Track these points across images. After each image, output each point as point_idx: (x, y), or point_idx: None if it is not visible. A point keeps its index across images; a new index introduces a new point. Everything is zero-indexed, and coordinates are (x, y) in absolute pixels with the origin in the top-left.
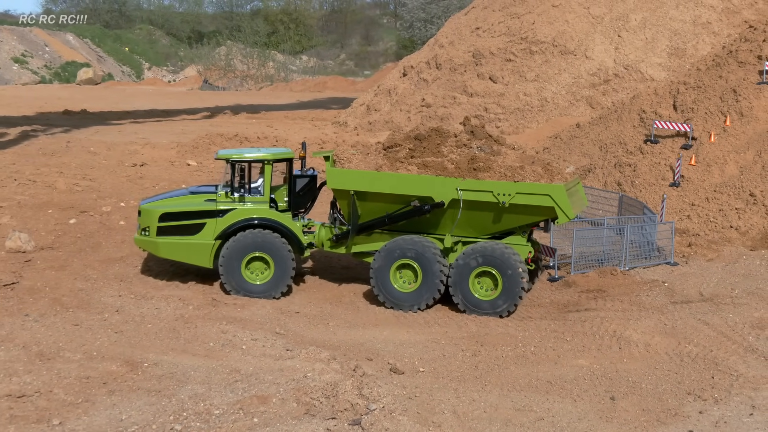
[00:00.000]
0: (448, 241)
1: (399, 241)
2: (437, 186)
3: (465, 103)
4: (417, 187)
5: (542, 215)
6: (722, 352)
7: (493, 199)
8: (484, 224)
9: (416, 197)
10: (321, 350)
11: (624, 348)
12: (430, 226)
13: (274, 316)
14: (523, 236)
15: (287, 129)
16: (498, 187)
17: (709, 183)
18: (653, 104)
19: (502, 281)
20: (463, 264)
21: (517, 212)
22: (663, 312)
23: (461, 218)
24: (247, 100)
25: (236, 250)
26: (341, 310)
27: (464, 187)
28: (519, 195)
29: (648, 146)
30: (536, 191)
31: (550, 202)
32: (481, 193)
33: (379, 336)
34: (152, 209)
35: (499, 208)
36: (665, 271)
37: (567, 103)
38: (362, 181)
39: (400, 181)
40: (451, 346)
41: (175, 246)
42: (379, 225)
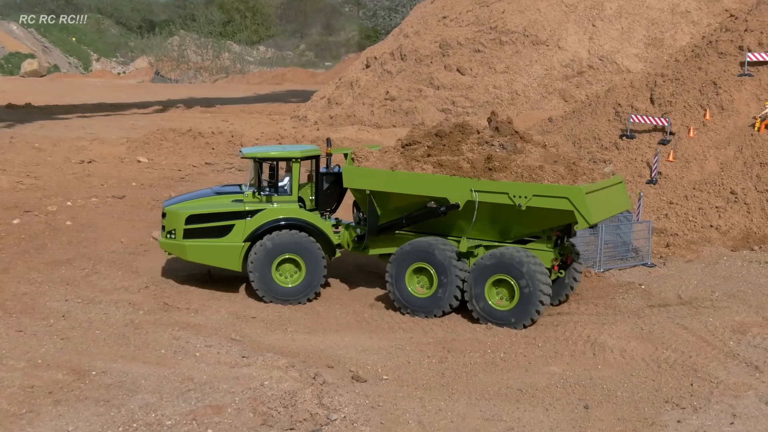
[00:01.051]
0: (464, 245)
1: (415, 243)
2: (451, 186)
3: (431, 96)
4: (432, 187)
5: (562, 219)
6: (702, 357)
7: (509, 201)
8: (503, 228)
9: (431, 198)
10: (279, 357)
11: (598, 354)
12: (450, 228)
13: (230, 321)
14: (549, 241)
15: (243, 123)
16: (514, 188)
17: (688, 180)
18: (629, 97)
19: (518, 290)
20: (478, 270)
21: (536, 216)
22: (639, 316)
23: (479, 221)
24: (202, 93)
25: (266, 252)
26: (300, 315)
27: (479, 188)
28: (536, 197)
29: (624, 141)
30: (554, 193)
31: (568, 205)
32: (497, 194)
33: (340, 342)
34: (178, 211)
35: (516, 211)
36: (642, 273)
37: (539, 96)
38: (377, 180)
39: (414, 181)
40: (417, 353)
41: (203, 249)
42: (397, 226)
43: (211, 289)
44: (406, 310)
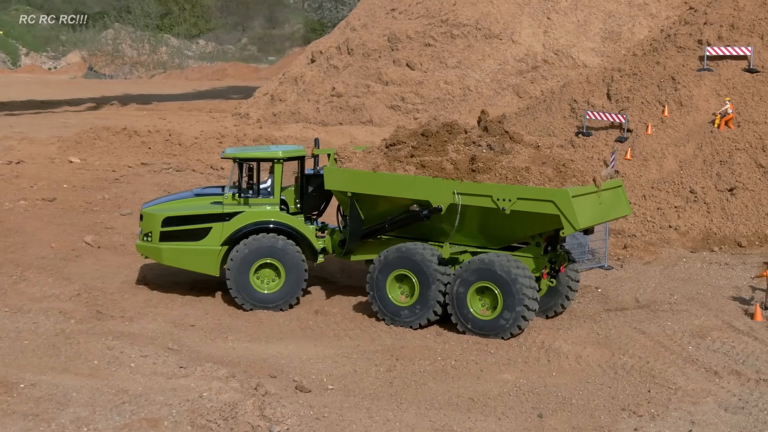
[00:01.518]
0: (446, 251)
1: (395, 249)
2: (434, 189)
3: (380, 93)
4: (414, 189)
5: (548, 224)
6: (659, 363)
7: (492, 204)
8: (488, 233)
9: (414, 201)
10: (219, 367)
11: (553, 360)
12: (434, 233)
13: (167, 329)
14: (538, 248)
15: (182, 122)
16: (498, 191)
17: (646, 179)
18: (585, 93)
19: (502, 299)
20: (460, 277)
21: (521, 220)
22: (596, 320)
23: (463, 225)
24: (138, 90)
25: (244, 256)
26: (241, 323)
27: (462, 190)
28: (520, 201)
29: (580, 139)
30: (539, 196)
31: (553, 209)
32: (480, 197)
33: (283, 351)
34: (155, 213)
35: (500, 215)
36: (598, 276)
37: (492, 92)
38: (359, 182)
39: (396, 183)
40: (364, 361)
41: (179, 252)
42: (380, 230)
43: (147, 297)
44: (388, 320)
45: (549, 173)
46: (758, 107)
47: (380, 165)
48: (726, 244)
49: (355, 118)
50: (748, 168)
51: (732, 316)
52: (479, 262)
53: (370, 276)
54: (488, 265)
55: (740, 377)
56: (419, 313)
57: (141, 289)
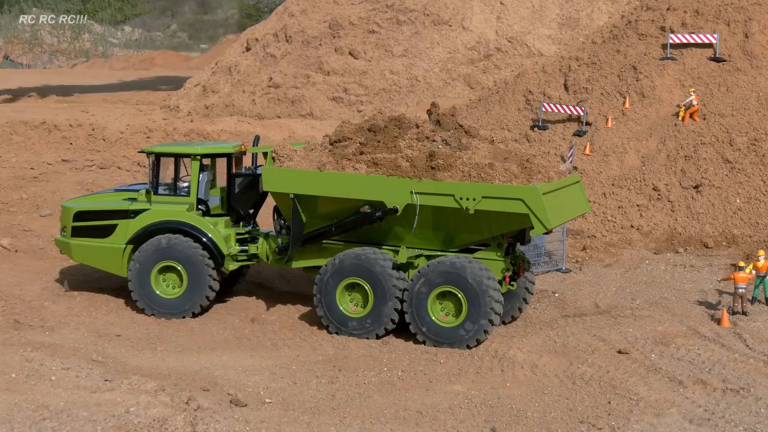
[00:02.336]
0: (403, 255)
1: (346, 255)
2: (389, 188)
3: (321, 83)
4: (366, 189)
5: (515, 224)
6: (621, 372)
7: (455, 204)
8: (448, 235)
9: (366, 202)
10: (147, 380)
11: (507, 370)
12: (387, 236)
13: (90, 340)
14: (499, 249)
15: (107, 115)
16: (461, 189)
17: (607, 175)
18: (541, 84)
19: (466, 304)
20: (420, 283)
21: (486, 220)
22: (552, 327)
23: (420, 227)
24: (58, 80)
25: (145, 257)
26: (171, 332)
27: (421, 189)
28: (486, 200)
29: (535, 133)
30: (506, 195)
31: (522, 208)
32: (441, 197)
33: (217, 362)
34: (69, 206)
35: (463, 216)
36: (555, 280)
37: (441, 83)
38: (303, 182)
39: (345, 183)
40: (304, 372)
41: (87, 249)
42: (326, 235)
43: (68, 304)
44: (332, 328)
45: (514, 169)
46: (725, 98)
47: (326, 164)
48: (691, 244)
49: (294, 111)
50: (714, 164)
51: (698, 321)
52: (449, 265)
53: (319, 278)
54: (459, 270)
55: (706, 387)
56: (369, 328)
57: (62, 297)
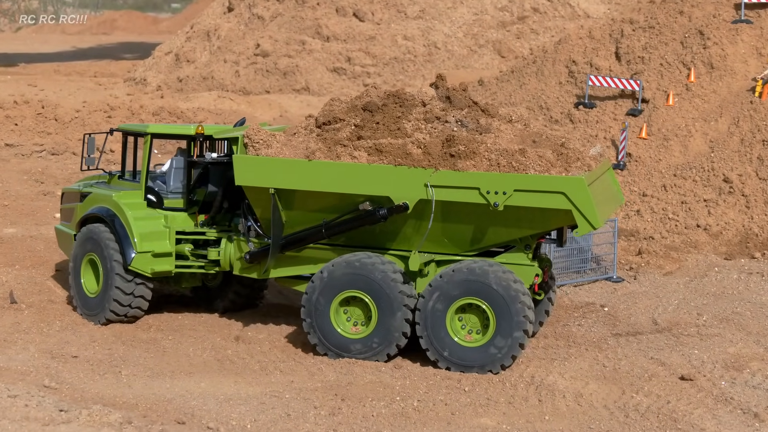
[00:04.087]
0: (415, 262)
1: (343, 263)
2: (397, 180)
3: (319, 51)
4: (368, 182)
5: (554, 222)
6: (684, 403)
7: (479, 199)
8: (468, 236)
9: (367, 197)
10: (110, 410)
11: (546, 400)
12: (390, 239)
13: (42, 362)
14: (527, 252)
15: (59, 89)
16: (488, 181)
17: (667, 164)
18: (587, 52)
19: (494, 316)
20: (439, 290)
21: (517, 218)
22: (601, 348)
23: (434, 228)
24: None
25: (76, 248)
26: (139, 353)
27: (437, 181)
28: (519, 193)
29: (580, 112)
30: (544, 187)
31: (564, 203)
32: (463, 190)
33: (194, 389)
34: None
35: (489, 213)
36: (605, 291)
37: (466, 51)
38: (286, 174)
39: (342, 175)
40: (299, 402)
41: (61, 234)
42: (314, 238)
43: (15, 319)
44: (332, 355)
45: (549, 156)
46: None
47: (315, 151)
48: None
49: (286, 85)
50: None
51: None
52: (467, 272)
53: (307, 299)
54: (480, 277)
55: None
56: (377, 348)
57: (7, 309)
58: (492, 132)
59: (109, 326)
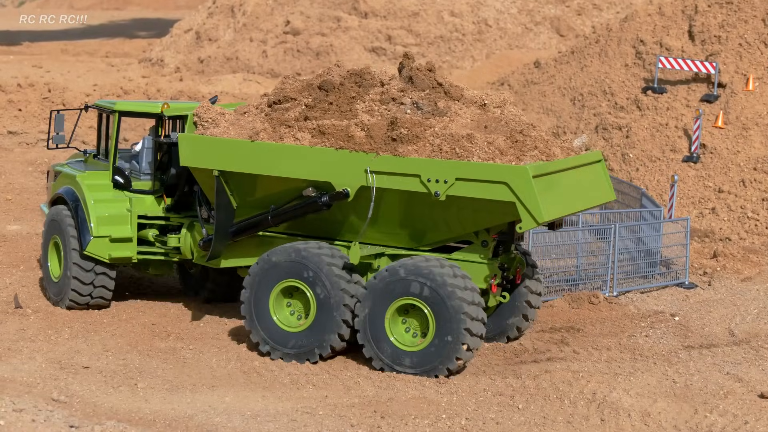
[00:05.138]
0: (356, 255)
1: (282, 250)
2: (338, 165)
3: (356, 29)
4: (309, 166)
5: (500, 215)
6: (763, 424)
7: (421, 187)
8: (415, 229)
9: (309, 183)
10: (125, 427)
11: (609, 419)
12: (338, 228)
13: (50, 372)
14: (484, 249)
15: (67, 71)
16: (429, 168)
17: (746, 156)
18: (657, 31)
19: (434, 322)
20: (375, 291)
21: (461, 210)
22: (671, 362)
23: (379, 218)
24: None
25: (45, 229)
26: (157, 363)
27: (378, 167)
28: (461, 182)
29: (649, 98)
30: (487, 176)
31: (507, 194)
32: (404, 177)
33: (218, 404)
34: None
35: (433, 203)
36: (675, 298)
37: (520, 29)
38: (229, 156)
39: (283, 158)
40: (334, 419)
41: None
42: (262, 225)
43: (20, 326)
44: (275, 354)
45: (500, 143)
46: None
47: (261, 131)
48: None
49: (318, 66)
50: None
51: None
52: (401, 268)
53: (244, 292)
54: (414, 273)
55: None
56: (317, 343)
57: (11, 315)
58: (447, 116)
59: (124, 335)
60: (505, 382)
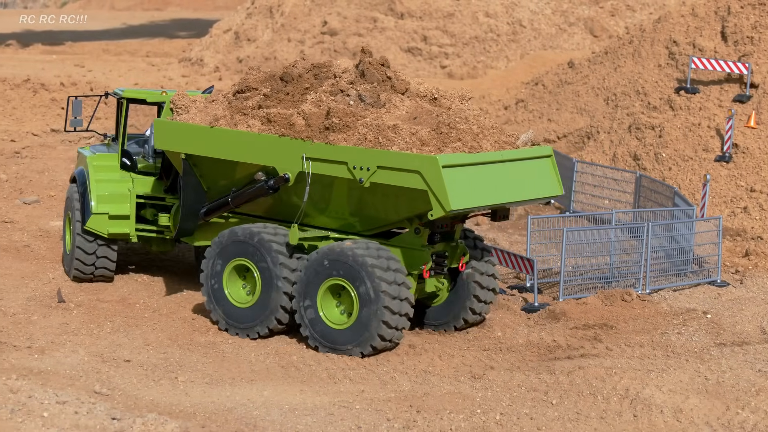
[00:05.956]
0: (294, 235)
1: (230, 231)
2: (281, 151)
3: (392, 29)
4: (256, 151)
5: (418, 204)
6: None
7: (348, 174)
8: (351, 213)
9: (259, 167)
10: (166, 419)
11: (641, 415)
12: (289, 211)
13: (92, 365)
14: (417, 236)
15: (109, 70)
16: (355, 156)
17: None
18: (690, 31)
19: (357, 301)
20: (308, 272)
21: (385, 197)
22: (703, 359)
23: (317, 202)
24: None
25: (66, 205)
26: (197, 357)
27: (312, 154)
28: (382, 170)
29: (682, 98)
30: (403, 165)
31: (420, 182)
32: (334, 164)
33: (257, 397)
34: None
35: (361, 190)
36: (708, 296)
37: (554, 29)
38: (193, 140)
39: (234, 143)
40: (371, 413)
41: None
42: (225, 207)
43: (63, 319)
44: (232, 330)
45: (423, 134)
46: None
47: (221, 118)
48: None
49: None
50: None
51: None
52: (329, 250)
53: (204, 274)
54: (339, 254)
55: None
56: (264, 315)
57: (55, 309)
58: (384, 107)
59: (165, 329)
60: (539, 378)
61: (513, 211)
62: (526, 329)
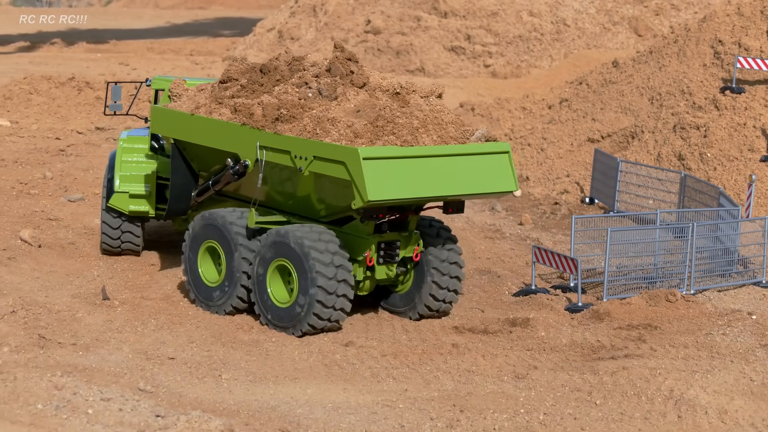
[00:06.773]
0: (251, 218)
1: (200, 215)
2: (241, 139)
3: (435, 28)
4: (224, 139)
5: (347, 194)
6: None
7: (291, 163)
8: (301, 200)
9: (228, 154)
10: (210, 417)
11: (686, 416)
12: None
13: (136, 363)
14: (364, 225)
15: (153, 67)
16: (295, 146)
17: None
18: (736, 30)
19: (296, 277)
20: (259, 255)
21: (324, 185)
22: (748, 360)
23: (270, 188)
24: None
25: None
26: (240, 355)
27: (265, 143)
28: (318, 160)
29: (727, 98)
30: (332, 156)
31: (344, 173)
32: (281, 153)
33: (300, 396)
34: None
35: (305, 178)
36: (753, 297)
37: (598, 28)
38: (179, 126)
39: (206, 130)
40: (414, 412)
41: None
42: (207, 191)
43: (107, 317)
44: (204, 307)
45: (358, 127)
46: None
47: (201, 106)
48: None
49: (399, 65)
50: None
51: None
52: (275, 233)
53: (183, 256)
54: (283, 237)
55: None
56: (228, 293)
57: (99, 306)
58: (336, 100)
59: (208, 327)
60: (582, 378)
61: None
62: (570, 329)
